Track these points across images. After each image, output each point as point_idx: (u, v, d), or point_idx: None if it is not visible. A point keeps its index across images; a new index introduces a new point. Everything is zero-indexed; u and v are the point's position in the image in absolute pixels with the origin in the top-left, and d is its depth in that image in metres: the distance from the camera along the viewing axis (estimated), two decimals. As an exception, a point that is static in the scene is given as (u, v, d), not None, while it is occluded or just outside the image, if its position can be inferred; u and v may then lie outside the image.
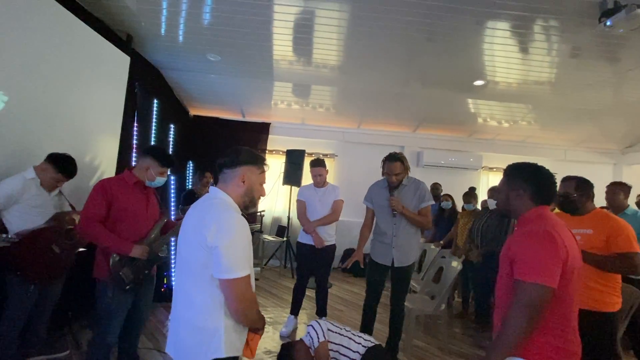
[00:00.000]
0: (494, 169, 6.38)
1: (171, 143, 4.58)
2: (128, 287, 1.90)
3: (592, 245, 1.94)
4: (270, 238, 5.56)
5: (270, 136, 5.91)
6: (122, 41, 3.31)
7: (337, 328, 2.36)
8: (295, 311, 3.33)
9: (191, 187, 4.70)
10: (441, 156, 6.08)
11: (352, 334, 2.33)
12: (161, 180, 2.04)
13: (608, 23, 2.36)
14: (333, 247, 3.31)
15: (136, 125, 3.62)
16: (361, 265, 2.74)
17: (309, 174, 3.37)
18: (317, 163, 3.26)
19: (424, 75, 4.02)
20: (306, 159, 5.22)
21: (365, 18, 2.92)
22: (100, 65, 2.94)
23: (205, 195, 1.36)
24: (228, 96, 5.16)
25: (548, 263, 1.15)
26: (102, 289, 1.88)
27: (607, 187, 2.97)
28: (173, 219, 3.94)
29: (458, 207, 4.79)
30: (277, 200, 5.95)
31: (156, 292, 3.50)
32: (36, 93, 2.32)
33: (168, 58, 3.97)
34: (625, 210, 2.85)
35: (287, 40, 3.44)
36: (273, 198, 5.86)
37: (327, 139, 6.11)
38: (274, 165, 5.79)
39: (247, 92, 5.02)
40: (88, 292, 1.92)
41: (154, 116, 3.98)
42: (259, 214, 5.65)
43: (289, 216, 5.55)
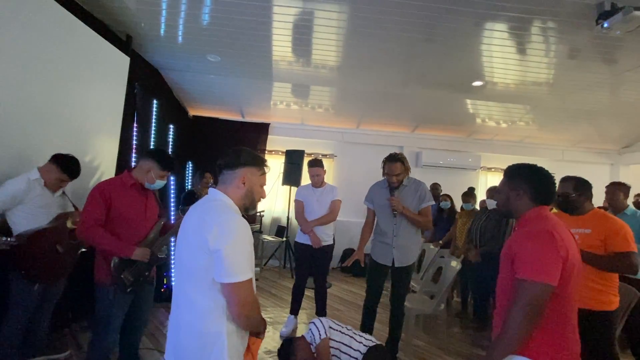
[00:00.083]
0: (493, 169, 6.41)
1: (170, 143, 4.57)
2: (129, 290, 1.89)
3: (590, 244, 1.96)
4: (269, 238, 5.57)
5: (269, 136, 5.92)
6: (122, 42, 3.31)
7: (339, 326, 2.38)
8: (295, 311, 3.34)
9: (191, 188, 4.70)
10: (440, 156, 6.11)
11: (354, 333, 2.34)
12: (161, 183, 2.03)
13: (605, 25, 2.38)
14: (331, 247, 3.32)
15: (136, 125, 3.62)
16: (361, 264, 2.75)
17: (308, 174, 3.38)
18: (315, 163, 3.27)
19: (423, 76, 4.03)
20: (305, 159, 5.22)
21: (364, 19, 2.93)
22: (99, 65, 2.94)
23: (204, 196, 1.33)
24: (227, 96, 5.16)
25: (548, 262, 1.16)
26: (102, 292, 1.87)
27: (607, 187, 2.96)
28: (173, 220, 3.97)
29: (457, 207, 4.81)
30: (277, 200, 5.96)
31: (156, 293, 3.51)
32: (36, 94, 2.32)
33: (167, 58, 3.97)
34: (625, 210, 2.85)
35: (287, 40, 3.44)
36: (272, 198, 5.87)
37: (326, 139, 6.12)
38: (274, 165, 5.79)
39: (247, 93, 5.02)
40: (88, 293, 1.92)
41: (154, 117, 3.98)
42: (259, 214, 5.66)
43: (289, 216, 5.55)
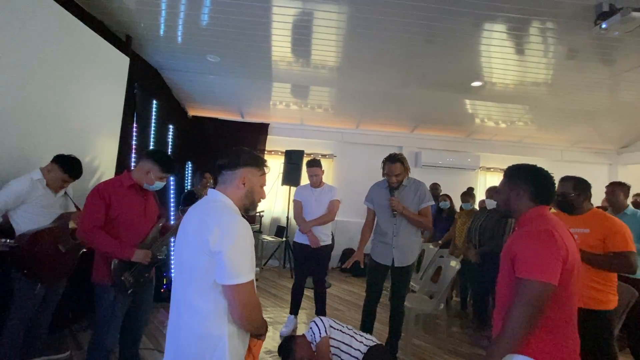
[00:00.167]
0: (492, 169, 6.43)
1: (170, 144, 4.58)
2: (129, 292, 1.89)
3: (589, 244, 1.98)
4: (269, 238, 5.57)
5: (269, 137, 5.93)
6: (122, 42, 3.32)
7: (339, 326, 2.38)
8: (294, 311, 3.35)
9: (191, 188, 4.70)
10: (439, 156, 6.12)
11: (354, 333, 2.35)
12: (160, 184, 2.02)
13: (604, 26, 2.39)
14: (329, 247, 3.33)
15: (135, 125, 3.62)
16: (361, 265, 2.75)
17: (308, 174, 3.39)
18: (313, 163, 3.27)
19: (422, 76, 4.04)
20: (305, 160, 5.23)
21: (363, 19, 2.93)
22: (99, 66, 2.94)
23: (204, 197, 1.31)
24: (227, 97, 5.17)
25: (549, 261, 1.17)
26: (101, 293, 1.86)
27: (607, 187, 2.96)
28: (172, 220, 3.96)
29: (456, 207, 4.82)
30: (276, 200, 5.96)
31: (156, 293, 3.50)
32: (36, 94, 2.32)
33: (167, 59, 3.97)
34: (625, 210, 2.84)
35: (286, 41, 3.45)
36: (272, 198, 5.88)
37: (326, 140, 6.13)
38: (273, 165, 5.80)
39: (246, 93, 5.02)
40: (88, 293, 1.92)
41: (153, 117, 3.98)
42: (258, 215, 5.66)
43: (288, 216, 5.56)
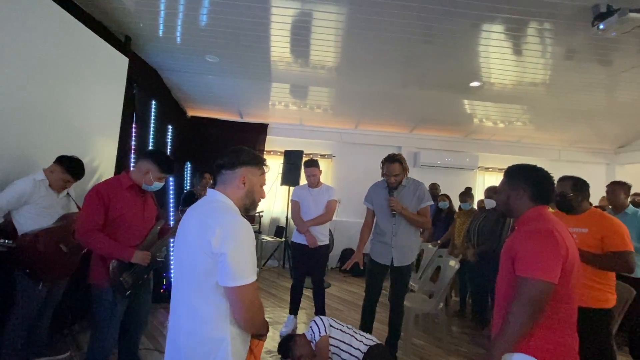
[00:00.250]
0: (490, 169, 6.45)
1: (169, 144, 4.57)
2: (128, 293, 1.88)
3: (588, 243, 1.99)
4: (268, 238, 5.58)
5: (268, 137, 5.93)
6: (121, 42, 3.31)
7: (340, 325, 2.39)
8: (294, 311, 3.35)
9: (191, 189, 4.70)
10: (438, 156, 6.14)
11: (354, 332, 2.36)
12: (158, 185, 2.01)
13: (601, 26, 2.41)
14: (327, 247, 3.34)
15: (134, 126, 3.61)
16: (360, 266, 2.75)
17: (307, 175, 3.39)
18: (311, 163, 3.28)
19: (421, 76, 4.05)
20: (304, 160, 5.24)
21: (362, 20, 2.94)
22: (98, 66, 2.93)
23: (203, 197, 1.29)
24: (226, 97, 5.16)
25: (549, 260, 1.18)
26: (99, 294, 1.85)
27: (608, 187, 2.96)
28: (172, 220, 3.96)
29: (455, 207, 4.83)
30: (275, 200, 5.96)
31: (156, 293, 3.52)
32: (35, 94, 2.32)
33: (166, 59, 3.97)
34: (625, 209, 2.84)
35: (285, 41, 3.45)
36: (271, 198, 5.88)
37: (325, 140, 6.14)
38: (272, 165, 5.80)
39: (245, 93, 5.02)
40: (88, 294, 1.92)
41: (152, 117, 3.97)
42: (258, 215, 5.67)
43: (287, 216, 5.56)
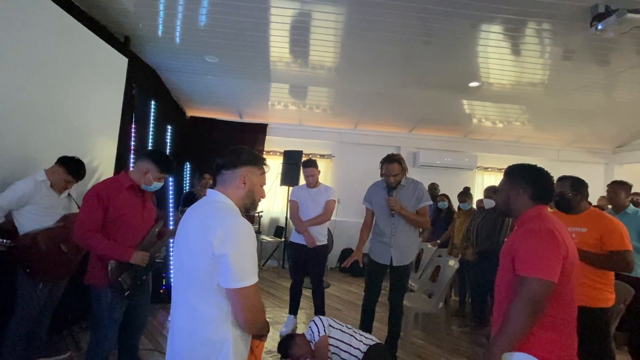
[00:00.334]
0: (489, 169, 6.47)
1: (168, 144, 4.57)
2: (127, 294, 1.86)
3: (586, 243, 2.00)
4: (268, 239, 5.58)
5: (267, 137, 5.93)
6: (120, 43, 3.31)
7: (339, 325, 2.40)
8: (294, 311, 3.36)
9: (190, 189, 4.70)
10: (437, 156, 6.15)
11: (354, 332, 2.36)
12: (158, 185, 2.00)
13: (599, 27, 2.42)
14: (325, 247, 3.35)
15: (134, 126, 3.61)
16: (360, 264, 2.78)
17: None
18: (309, 164, 3.28)
19: (420, 77, 4.06)
20: (303, 160, 5.25)
21: (361, 20, 2.95)
22: (98, 67, 2.93)
23: (203, 198, 1.27)
24: (225, 97, 5.16)
25: (549, 259, 1.19)
26: (97, 296, 1.84)
27: (609, 186, 2.95)
28: (171, 221, 3.96)
29: (454, 207, 4.84)
30: (275, 200, 5.96)
31: (155, 294, 3.52)
32: (35, 95, 2.32)
33: (165, 59, 3.97)
34: (626, 209, 2.83)
35: (284, 41, 3.46)
36: (271, 199, 5.88)
37: (324, 140, 6.15)
38: (272, 166, 5.79)
39: (245, 94, 5.03)
40: (87, 294, 1.92)
41: (152, 117, 3.97)
42: (257, 215, 5.67)
43: (287, 217, 5.56)
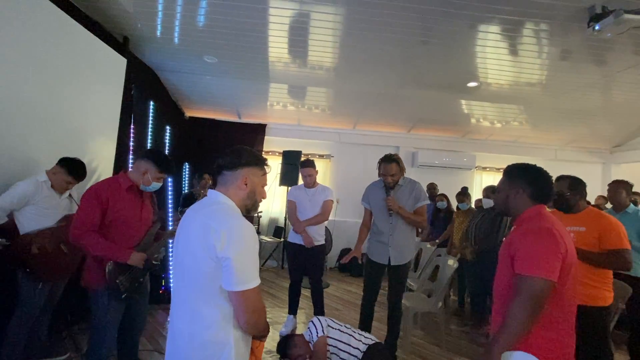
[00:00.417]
0: (487, 169, 6.49)
1: (167, 145, 4.57)
2: (124, 296, 1.84)
3: (585, 242, 2.01)
4: (267, 239, 5.58)
5: (266, 137, 5.93)
6: (119, 43, 3.31)
7: (338, 325, 2.40)
8: (293, 311, 3.36)
9: (190, 189, 4.69)
10: (435, 156, 6.16)
11: (353, 331, 2.37)
12: (156, 185, 1.97)
13: (597, 27, 2.43)
14: (323, 247, 3.35)
15: (133, 127, 3.60)
16: (359, 261, 2.83)
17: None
18: (307, 164, 3.28)
19: (419, 77, 4.07)
20: (301, 160, 5.25)
21: (360, 21, 2.95)
22: (97, 67, 2.93)
23: (204, 198, 1.26)
24: (224, 97, 5.16)
25: (549, 258, 1.19)
26: (95, 298, 1.82)
27: (610, 185, 2.95)
28: (170, 221, 3.95)
29: (453, 207, 4.86)
30: (274, 201, 5.97)
31: (154, 294, 3.51)
32: (33, 96, 2.31)
33: (164, 60, 3.96)
34: (626, 208, 2.81)
35: (283, 42, 3.46)
36: (270, 199, 5.88)
37: (323, 140, 6.15)
38: (271, 166, 5.80)
39: (243, 94, 5.02)
40: (86, 296, 1.91)
41: (150, 118, 3.97)
42: (257, 215, 5.67)
43: (286, 217, 5.56)
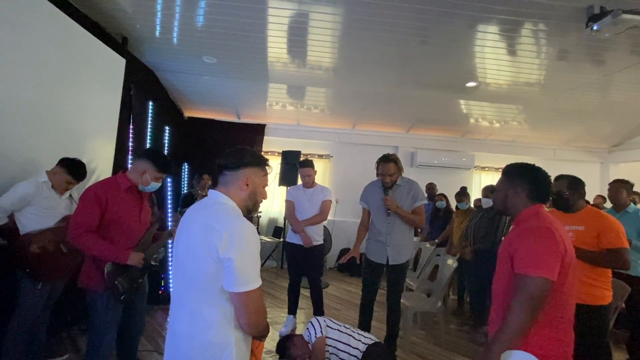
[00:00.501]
0: (486, 169, 6.50)
1: (166, 145, 4.56)
2: (123, 297, 1.83)
3: (584, 241, 2.01)
4: (266, 239, 5.58)
5: (265, 137, 5.93)
6: (118, 43, 3.31)
7: (337, 325, 2.40)
8: (292, 311, 3.36)
9: (190, 190, 4.69)
10: (434, 156, 6.17)
11: (352, 331, 2.37)
12: (155, 185, 1.95)
13: (595, 27, 2.45)
14: (321, 247, 3.35)
15: (132, 127, 3.60)
16: (357, 261, 2.83)
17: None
18: (305, 164, 3.29)
19: (418, 77, 4.08)
20: (300, 160, 5.25)
21: (359, 21, 2.96)
22: (96, 67, 2.93)
23: (204, 199, 1.25)
24: (223, 98, 5.16)
25: (548, 257, 1.20)
26: (93, 299, 1.80)
27: (610, 184, 2.95)
28: (170, 221, 3.95)
29: (452, 207, 4.86)
30: (273, 201, 5.97)
31: (154, 295, 3.51)
32: (32, 96, 2.31)
33: (163, 60, 3.96)
34: (627, 208, 2.82)
35: (282, 42, 3.46)
36: (269, 199, 5.87)
37: (322, 140, 6.15)
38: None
39: (242, 94, 5.03)
40: (85, 296, 1.91)
41: (149, 118, 3.97)
42: (256, 215, 5.67)
43: (285, 217, 5.56)
